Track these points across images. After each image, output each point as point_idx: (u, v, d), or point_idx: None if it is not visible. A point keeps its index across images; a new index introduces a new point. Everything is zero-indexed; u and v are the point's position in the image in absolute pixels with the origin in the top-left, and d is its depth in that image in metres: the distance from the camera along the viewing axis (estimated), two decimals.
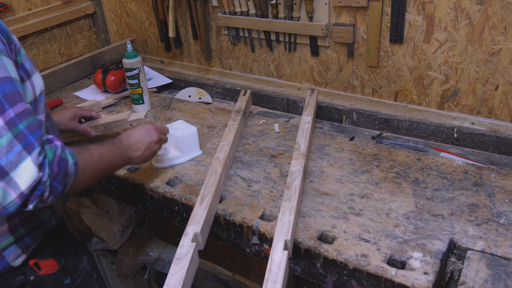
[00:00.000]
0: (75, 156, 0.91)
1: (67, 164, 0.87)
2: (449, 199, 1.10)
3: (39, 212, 1.08)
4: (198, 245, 0.97)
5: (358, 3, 1.42)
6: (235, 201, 1.15)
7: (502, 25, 1.24)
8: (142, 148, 1.15)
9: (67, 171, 0.87)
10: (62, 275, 1.14)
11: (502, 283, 0.86)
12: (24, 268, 1.07)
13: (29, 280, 1.08)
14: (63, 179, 0.86)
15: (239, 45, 1.82)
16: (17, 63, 0.94)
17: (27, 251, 1.06)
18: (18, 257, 1.05)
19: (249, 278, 1.44)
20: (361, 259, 0.93)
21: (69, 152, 0.90)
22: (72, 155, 0.90)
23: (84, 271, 1.23)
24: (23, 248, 1.05)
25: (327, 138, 1.42)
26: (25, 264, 1.07)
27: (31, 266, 1.08)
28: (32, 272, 1.08)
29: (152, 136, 1.18)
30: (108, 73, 1.82)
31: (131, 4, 2.11)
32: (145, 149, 1.16)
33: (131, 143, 1.14)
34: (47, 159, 0.83)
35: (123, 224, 1.89)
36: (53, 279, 1.12)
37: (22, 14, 1.96)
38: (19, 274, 1.07)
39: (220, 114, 1.63)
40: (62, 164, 0.86)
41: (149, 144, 1.17)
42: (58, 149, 0.86)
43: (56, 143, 0.87)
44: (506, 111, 1.34)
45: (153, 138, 1.18)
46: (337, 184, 1.19)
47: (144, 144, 1.16)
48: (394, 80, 1.50)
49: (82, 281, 1.21)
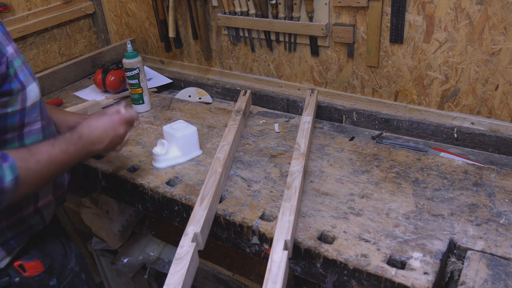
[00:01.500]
0: (16, 169, 0.88)
1: (2, 183, 0.86)
2: (449, 199, 1.10)
3: (27, 217, 1.07)
4: (198, 245, 0.97)
5: (358, 3, 1.42)
6: (235, 201, 1.15)
7: (502, 25, 1.24)
8: (105, 142, 1.08)
9: (2, 188, 0.86)
10: (47, 277, 1.13)
11: (502, 283, 0.86)
12: (9, 269, 1.06)
13: (14, 281, 1.07)
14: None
15: (239, 45, 1.82)
16: (8, 76, 0.93)
17: (12, 254, 1.06)
18: (2, 259, 1.04)
19: (249, 278, 1.44)
20: (361, 259, 0.93)
21: (9, 166, 0.87)
22: (12, 169, 0.88)
23: (72, 272, 1.20)
24: (8, 250, 1.05)
25: (327, 138, 1.42)
26: (9, 265, 1.06)
27: (15, 267, 1.07)
28: (16, 273, 1.07)
29: (117, 130, 1.11)
30: (108, 73, 1.82)
31: (131, 4, 2.11)
32: (109, 143, 1.10)
33: (93, 138, 1.06)
34: None
35: (123, 224, 1.89)
36: (38, 281, 1.11)
37: (22, 14, 1.96)
38: (4, 275, 1.06)
39: (220, 114, 1.63)
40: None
41: (114, 137, 1.10)
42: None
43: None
44: (506, 111, 1.34)
45: (119, 132, 1.11)
46: (337, 184, 1.19)
47: (108, 137, 1.09)
48: (394, 80, 1.50)
49: (70, 282, 1.19)
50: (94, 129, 1.07)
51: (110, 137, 1.09)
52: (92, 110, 1.71)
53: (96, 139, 1.07)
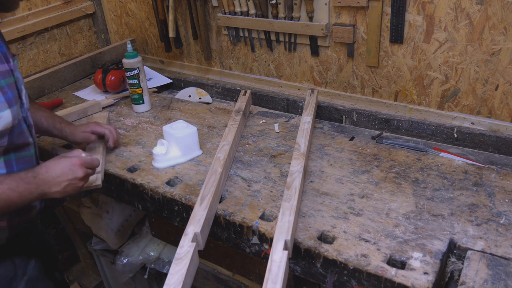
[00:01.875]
0: None
1: None
2: (449, 199, 1.10)
3: None
4: (198, 245, 0.97)
5: (358, 3, 1.42)
6: (235, 201, 1.15)
7: (502, 25, 1.24)
8: (62, 184, 1.05)
9: None
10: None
11: (502, 283, 0.86)
12: None
13: None
14: None
15: (239, 45, 1.82)
16: None
17: None
18: None
19: (249, 278, 1.44)
20: (361, 259, 0.93)
21: None
22: None
23: None
24: None
25: (327, 138, 1.42)
26: None
27: None
28: None
29: (76, 172, 1.07)
30: (108, 73, 1.82)
31: (131, 4, 2.11)
32: (67, 185, 1.06)
33: (49, 177, 1.04)
34: None
35: (123, 224, 1.89)
36: None
37: (22, 14, 1.96)
38: None
39: (220, 114, 1.63)
40: None
41: (72, 181, 1.07)
42: None
43: None
44: (506, 111, 1.34)
45: (78, 175, 1.08)
46: (337, 184, 1.19)
47: (66, 180, 1.06)
48: (394, 80, 1.50)
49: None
50: (51, 169, 1.05)
51: (68, 179, 1.06)
52: (92, 110, 1.71)
53: (52, 179, 1.04)
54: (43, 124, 1.35)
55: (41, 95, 1.89)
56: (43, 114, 1.36)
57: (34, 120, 1.32)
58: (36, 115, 1.33)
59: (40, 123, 1.34)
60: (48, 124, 1.35)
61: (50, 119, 1.36)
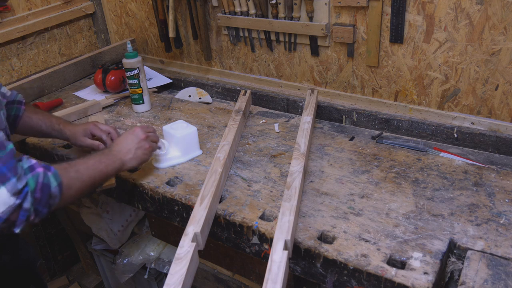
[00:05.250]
0: (59, 176, 0.99)
1: (50, 188, 0.96)
2: (449, 199, 1.10)
3: None
4: (198, 245, 0.97)
5: (358, 3, 1.42)
6: (235, 201, 1.15)
7: (502, 25, 1.24)
8: (132, 150, 1.19)
9: (50, 194, 0.96)
10: None
11: (502, 283, 0.86)
12: None
13: None
14: (48, 202, 0.96)
15: (239, 45, 1.82)
16: None
17: None
18: None
19: (249, 278, 1.44)
20: (361, 259, 0.93)
21: (53, 174, 0.98)
22: (56, 176, 0.98)
23: None
24: None
25: (327, 138, 1.42)
26: None
27: None
28: None
29: (138, 135, 1.21)
30: (108, 73, 1.82)
31: (131, 4, 2.11)
32: (136, 149, 1.19)
33: (121, 147, 1.18)
34: (29, 188, 0.92)
35: (123, 224, 1.89)
36: None
37: (22, 14, 1.96)
38: None
39: (220, 114, 1.63)
40: (44, 189, 0.95)
41: (138, 144, 1.20)
42: (40, 176, 0.95)
43: (38, 170, 0.95)
44: (506, 111, 1.34)
45: (140, 137, 1.21)
46: (337, 184, 1.19)
47: (133, 144, 1.19)
48: (394, 80, 1.50)
49: None
50: (119, 142, 1.20)
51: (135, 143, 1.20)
52: (92, 110, 1.71)
53: (123, 148, 1.18)
54: (41, 127, 1.35)
55: (41, 95, 1.89)
56: (40, 117, 1.36)
57: (31, 125, 1.34)
58: (33, 119, 1.34)
59: (38, 126, 1.35)
60: (47, 126, 1.36)
61: (48, 121, 1.36)
